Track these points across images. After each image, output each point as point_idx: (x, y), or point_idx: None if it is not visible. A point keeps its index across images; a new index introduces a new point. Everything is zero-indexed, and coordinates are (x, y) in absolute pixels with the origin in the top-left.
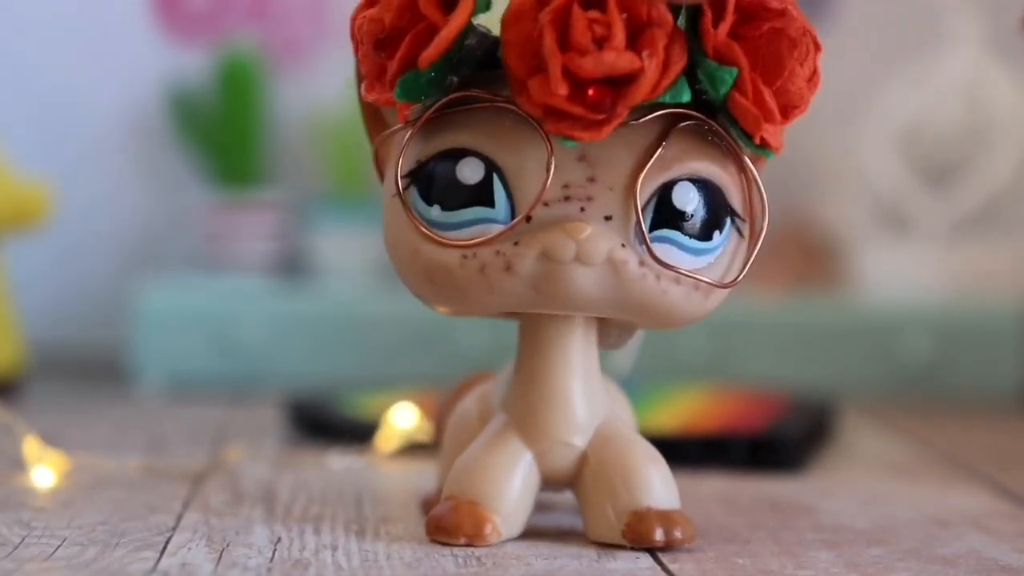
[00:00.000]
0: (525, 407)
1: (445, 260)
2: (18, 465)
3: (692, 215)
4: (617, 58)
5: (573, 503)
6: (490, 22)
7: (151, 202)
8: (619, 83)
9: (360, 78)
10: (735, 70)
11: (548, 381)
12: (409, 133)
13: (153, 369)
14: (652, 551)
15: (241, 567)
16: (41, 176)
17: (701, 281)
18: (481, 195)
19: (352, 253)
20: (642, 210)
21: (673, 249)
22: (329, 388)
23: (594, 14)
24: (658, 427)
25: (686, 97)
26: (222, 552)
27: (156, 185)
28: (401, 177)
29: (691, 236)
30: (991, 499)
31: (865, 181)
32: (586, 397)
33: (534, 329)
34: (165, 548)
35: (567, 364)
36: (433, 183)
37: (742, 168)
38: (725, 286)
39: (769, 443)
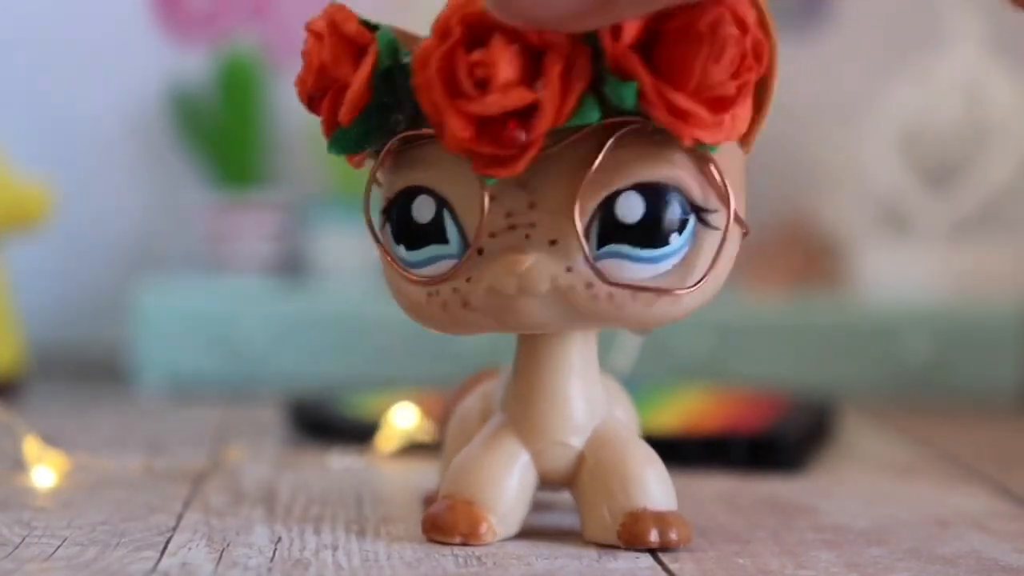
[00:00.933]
0: (522, 407)
1: (415, 296)
2: (18, 465)
3: (639, 225)
4: (503, 98)
5: (574, 503)
6: None
7: (151, 202)
8: (526, 115)
9: None
10: (634, 84)
11: (546, 381)
12: (375, 174)
13: (153, 369)
14: (651, 551)
15: (242, 567)
16: (41, 176)
17: (660, 291)
18: (436, 232)
19: (352, 253)
20: (586, 228)
21: (625, 263)
22: (329, 388)
23: (476, 55)
24: (658, 427)
25: (594, 118)
26: (222, 552)
27: (156, 185)
28: (379, 215)
29: (643, 246)
30: (991, 499)
31: (865, 181)
32: (584, 397)
33: None
34: (165, 548)
35: (565, 364)
36: (397, 223)
37: (702, 159)
38: (684, 290)
39: (769, 443)
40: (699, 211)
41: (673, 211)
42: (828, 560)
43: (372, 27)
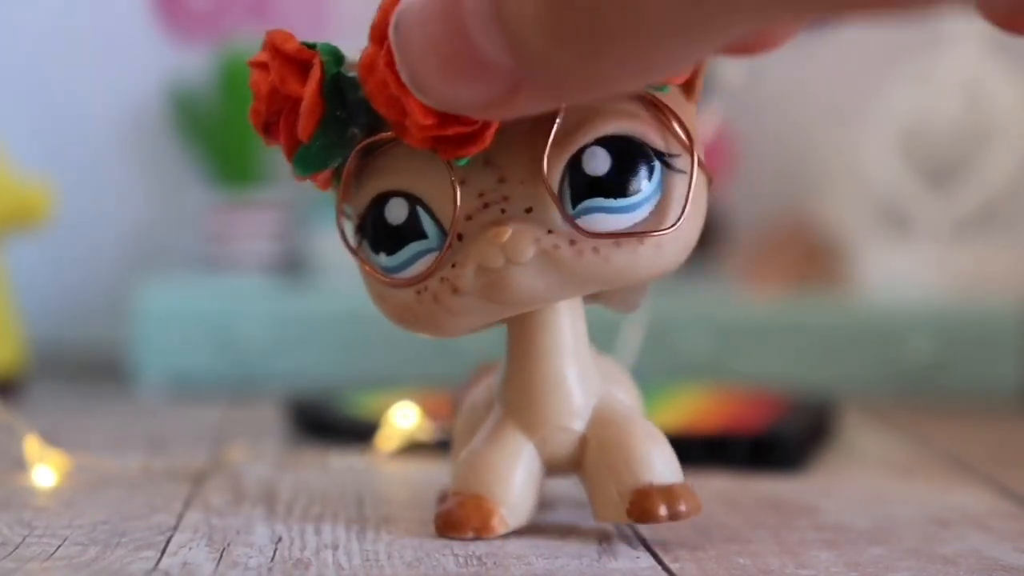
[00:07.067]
0: (520, 396)
1: (404, 300)
2: (19, 465)
3: (608, 176)
4: None
5: (574, 500)
6: None
7: (151, 202)
8: None
9: None
10: None
11: (540, 367)
12: (340, 193)
13: (154, 369)
14: (653, 551)
15: (242, 566)
16: (42, 176)
17: (642, 234)
18: (413, 230)
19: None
20: (558, 190)
21: (602, 216)
22: (330, 388)
23: None
24: (659, 426)
25: None
26: (223, 551)
27: (156, 185)
28: (353, 235)
29: (616, 196)
30: (992, 499)
31: (865, 181)
32: (580, 379)
33: (520, 316)
34: (166, 547)
35: (557, 348)
36: (373, 232)
37: (653, 104)
38: (665, 231)
39: (770, 443)
40: (662, 156)
41: (638, 158)
42: (828, 560)
43: (311, 46)
